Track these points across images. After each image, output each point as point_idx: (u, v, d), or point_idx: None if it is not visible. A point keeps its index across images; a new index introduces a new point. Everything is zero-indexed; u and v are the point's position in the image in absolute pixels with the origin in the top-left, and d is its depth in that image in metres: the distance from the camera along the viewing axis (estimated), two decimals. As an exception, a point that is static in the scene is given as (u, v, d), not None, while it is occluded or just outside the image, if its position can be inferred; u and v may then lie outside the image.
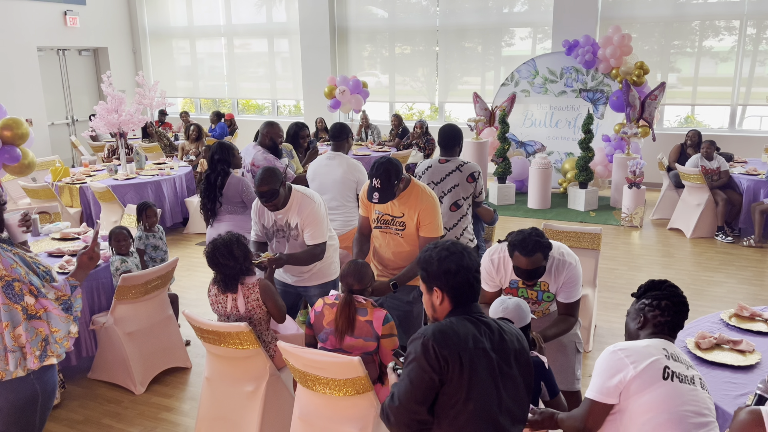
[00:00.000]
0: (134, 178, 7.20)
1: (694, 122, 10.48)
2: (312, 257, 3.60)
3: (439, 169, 4.24)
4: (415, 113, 12.53)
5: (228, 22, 12.92)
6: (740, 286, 5.84)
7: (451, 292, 2.11)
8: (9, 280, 2.33)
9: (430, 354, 1.97)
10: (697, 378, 2.16)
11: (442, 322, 2.06)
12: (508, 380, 2.05)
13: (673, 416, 2.04)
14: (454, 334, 2.00)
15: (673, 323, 2.31)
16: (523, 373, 2.10)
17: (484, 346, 2.01)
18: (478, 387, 1.99)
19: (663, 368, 2.10)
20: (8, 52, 10.75)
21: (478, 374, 1.99)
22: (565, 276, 3.12)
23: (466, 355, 1.97)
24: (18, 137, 4.48)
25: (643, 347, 2.16)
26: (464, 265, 2.11)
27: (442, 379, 1.98)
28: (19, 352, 2.36)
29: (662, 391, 2.07)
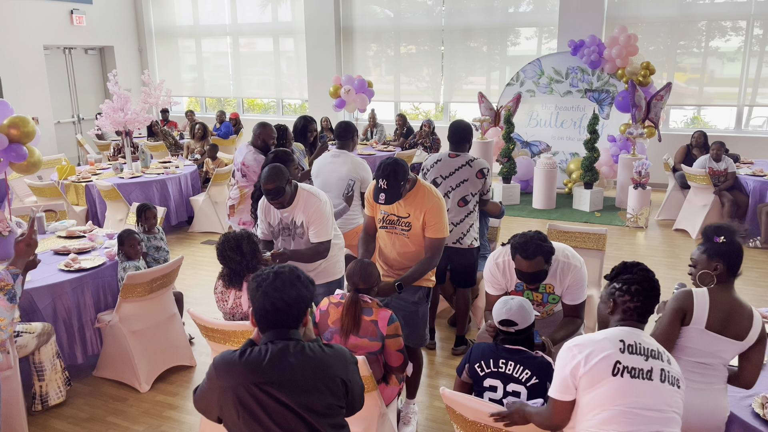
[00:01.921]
0: (140, 177, 7.22)
1: (700, 123, 10.45)
2: (316, 254, 3.60)
3: (448, 164, 4.25)
4: (421, 113, 12.51)
5: (233, 21, 12.94)
6: (746, 287, 5.82)
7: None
8: None
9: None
10: (657, 370, 2.07)
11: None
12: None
13: (618, 413, 2.02)
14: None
15: (642, 309, 2.21)
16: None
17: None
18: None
19: (614, 364, 2.05)
20: (15, 51, 10.79)
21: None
22: (571, 278, 3.12)
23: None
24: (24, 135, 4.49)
25: (598, 341, 2.11)
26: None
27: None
28: None
29: (609, 387, 2.04)
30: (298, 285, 2.00)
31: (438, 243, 3.51)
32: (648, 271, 2.28)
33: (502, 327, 2.67)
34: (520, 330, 2.65)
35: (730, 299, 2.53)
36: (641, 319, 2.22)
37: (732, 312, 2.50)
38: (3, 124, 4.44)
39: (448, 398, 2.46)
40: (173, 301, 4.38)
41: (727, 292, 2.56)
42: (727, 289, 2.57)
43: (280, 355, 1.92)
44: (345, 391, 2.00)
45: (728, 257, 2.60)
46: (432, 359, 4.54)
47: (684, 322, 2.52)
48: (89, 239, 4.75)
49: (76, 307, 4.06)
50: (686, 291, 2.55)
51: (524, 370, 2.57)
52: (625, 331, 2.16)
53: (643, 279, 2.24)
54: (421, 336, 3.60)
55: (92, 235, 4.81)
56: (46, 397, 3.81)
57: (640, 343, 2.11)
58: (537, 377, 2.55)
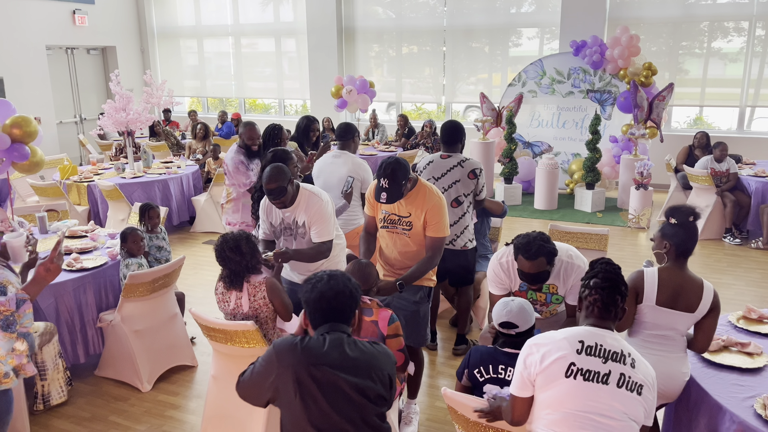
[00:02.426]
0: (141, 177, 7.23)
1: (702, 124, 10.43)
2: (318, 254, 3.60)
3: (440, 165, 4.25)
4: (423, 113, 12.52)
5: (235, 21, 12.95)
6: (748, 288, 5.81)
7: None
8: None
9: None
10: (616, 374, 2.03)
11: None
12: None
13: (567, 416, 2.02)
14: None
15: (603, 303, 2.15)
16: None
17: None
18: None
19: (568, 365, 2.04)
20: (17, 51, 10.81)
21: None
22: (574, 278, 3.11)
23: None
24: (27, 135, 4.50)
25: (558, 340, 2.10)
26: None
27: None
28: None
29: (561, 389, 2.04)
30: (350, 286, 2.23)
31: (439, 242, 3.51)
32: (610, 264, 2.25)
33: (503, 329, 2.66)
34: (521, 332, 2.63)
35: (680, 276, 2.74)
36: (603, 314, 2.17)
37: (682, 287, 2.71)
38: (5, 124, 4.46)
39: (450, 398, 2.46)
40: (175, 301, 4.39)
41: (678, 269, 2.76)
42: (678, 267, 2.77)
43: (337, 343, 2.10)
44: (389, 386, 2.15)
45: (676, 238, 2.77)
46: (433, 359, 4.54)
47: (638, 301, 2.76)
48: (91, 239, 4.76)
49: (78, 307, 4.07)
50: (637, 272, 2.80)
51: None
52: (588, 331, 2.13)
53: (602, 272, 2.21)
54: (422, 336, 3.60)
55: (94, 234, 4.81)
56: (48, 397, 3.82)
57: (601, 344, 2.08)
58: None
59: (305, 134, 5.59)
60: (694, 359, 2.85)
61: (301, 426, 2.06)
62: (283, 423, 2.16)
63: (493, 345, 2.72)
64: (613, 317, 2.18)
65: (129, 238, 4.19)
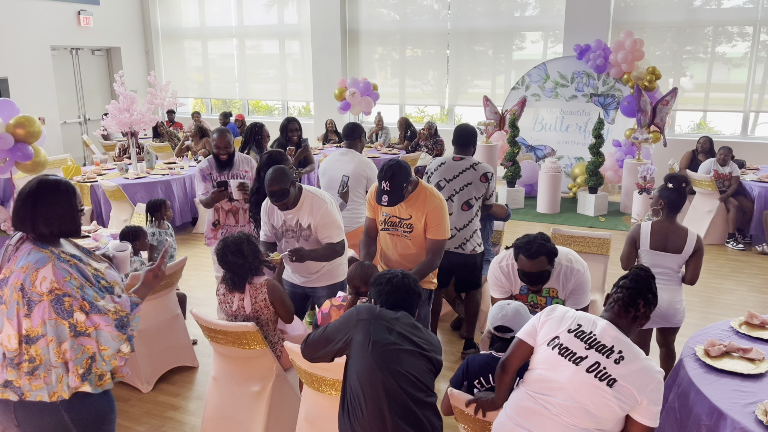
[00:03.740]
0: (144, 178, 7.24)
1: (706, 128, 10.41)
2: (333, 253, 3.61)
3: (452, 167, 4.25)
4: (426, 116, 12.52)
5: (240, 23, 12.98)
6: (751, 294, 5.79)
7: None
8: (59, 294, 2.16)
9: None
10: (592, 361, 2.15)
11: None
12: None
13: (540, 376, 2.24)
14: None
15: (624, 302, 2.25)
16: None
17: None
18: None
19: (552, 337, 2.24)
20: (22, 51, 10.85)
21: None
22: (574, 283, 3.11)
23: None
24: (30, 135, 4.52)
25: (566, 315, 2.29)
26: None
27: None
28: (62, 368, 2.19)
29: (540, 353, 2.27)
30: (417, 287, 2.64)
31: (439, 245, 3.50)
32: (644, 270, 2.32)
33: (498, 333, 2.65)
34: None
35: (669, 227, 3.54)
36: (621, 313, 2.26)
37: (670, 235, 3.53)
38: (9, 124, 4.47)
39: (456, 398, 2.47)
40: (176, 302, 4.39)
41: (669, 222, 3.56)
42: (669, 220, 3.57)
43: (407, 317, 2.52)
44: (435, 369, 2.48)
45: (670, 197, 3.56)
46: (434, 362, 4.52)
47: (636, 246, 3.60)
48: (93, 239, 4.76)
49: (80, 307, 4.07)
50: (635, 225, 3.63)
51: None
52: (594, 319, 2.26)
53: (634, 275, 2.29)
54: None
55: (97, 235, 4.82)
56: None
57: (593, 333, 2.21)
58: None
59: (285, 135, 5.66)
60: (695, 364, 2.84)
61: (372, 369, 2.36)
62: (351, 372, 2.43)
63: (489, 349, 2.70)
64: (631, 319, 2.26)
65: (141, 235, 4.31)
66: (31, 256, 2.19)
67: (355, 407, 2.40)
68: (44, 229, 2.24)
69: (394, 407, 2.34)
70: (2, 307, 2.19)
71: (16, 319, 2.16)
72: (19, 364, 2.16)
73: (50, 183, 2.29)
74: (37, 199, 2.25)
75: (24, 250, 2.22)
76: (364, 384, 2.37)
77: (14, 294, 2.16)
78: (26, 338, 2.15)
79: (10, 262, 2.23)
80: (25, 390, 2.18)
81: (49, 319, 2.14)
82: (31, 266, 2.16)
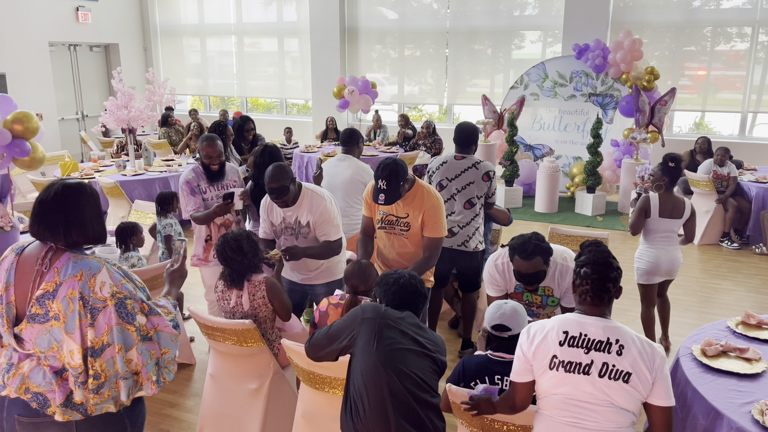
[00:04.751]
0: (142, 174, 7.23)
1: (704, 129, 10.43)
2: (330, 251, 3.61)
3: (454, 165, 4.24)
4: (425, 114, 12.52)
5: (238, 20, 12.96)
6: (747, 294, 5.80)
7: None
8: (121, 297, 2.06)
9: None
10: (599, 363, 2.09)
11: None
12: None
13: (555, 401, 2.16)
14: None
15: (594, 292, 2.17)
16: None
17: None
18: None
19: (551, 358, 2.14)
20: (20, 47, 10.82)
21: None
22: (569, 281, 3.11)
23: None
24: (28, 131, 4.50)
25: (546, 330, 2.19)
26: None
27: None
28: (131, 379, 2.10)
29: (547, 379, 2.17)
30: (423, 288, 2.64)
31: (436, 242, 3.50)
32: (599, 251, 2.24)
33: (495, 332, 2.64)
34: (514, 336, 2.61)
35: (670, 198, 4.24)
36: (596, 302, 2.17)
37: (673, 204, 4.22)
38: (7, 120, 4.46)
39: (455, 394, 2.47)
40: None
41: (669, 194, 4.25)
42: (669, 192, 4.26)
43: (412, 317, 2.54)
44: (439, 370, 2.51)
45: (671, 175, 4.24)
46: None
47: (647, 216, 4.24)
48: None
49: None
50: (645, 196, 4.26)
51: None
52: (575, 320, 2.18)
53: (592, 261, 2.19)
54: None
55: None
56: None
57: (585, 334, 2.14)
58: None
59: (240, 134, 5.62)
60: (692, 364, 2.85)
61: (376, 368, 2.37)
62: (354, 370, 2.44)
63: (486, 349, 2.70)
64: (606, 302, 2.19)
65: (138, 231, 4.28)
66: (81, 264, 2.05)
67: (357, 406, 2.40)
68: (78, 236, 2.10)
69: (397, 407, 2.34)
70: (53, 324, 2.03)
71: (79, 332, 2.02)
72: (84, 383, 2.04)
73: (77, 187, 2.14)
74: (67, 204, 2.09)
75: (64, 260, 2.06)
76: (368, 383, 2.38)
77: (71, 305, 2.01)
78: (91, 350, 2.03)
79: (48, 276, 2.05)
80: (89, 405, 2.07)
81: (116, 325, 2.04)
82: (86, 273, 2.04)
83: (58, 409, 2.06)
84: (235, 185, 4.24)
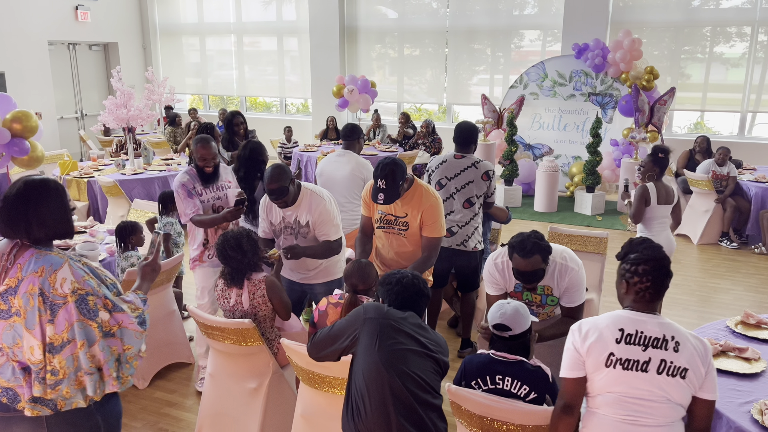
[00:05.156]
0: (142, 173, 7.22)
1: (703, 128, 10.43)
2: (329, 251, 3.61)
3: (454, 165, 4.24)
4: (424, 114, 12.52)
5: (238, 19, 12.95)
6: (747, 293, 5.81)
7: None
8: (82, 293, 2.07)
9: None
10: (656, 361, 2.11)
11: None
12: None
13: (611, 399, 2.16)
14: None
15: (654, 289, 2.19)
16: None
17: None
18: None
19: (607, 356, 2.14)
20: (19, 46, 10.81)
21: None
22: (568, 281, 3.11)
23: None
24: (27, 130, 4.51)
25: (600, 328, 2.19)
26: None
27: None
28: (97, 374, 2.10)
29: (603, 376, 2.16)
30: (426, 289, 2.64)
31: (435, 242, 3.50)
32: (654, 248, 2.26)
33: (496, 331, 2.64)
34: (515, 335, 2.61)
35: (664, 185, 4.51)
36: (654, 298, 2.21)
37: (666, 191, 4.48)
38: (6, 119, 4.46)
39: (455, 394, 2.47)
40: (173, 298, 4.38)
41: (661, 182, 4.54)
42: (661, 181, 4.55)
43: (414, 317, 2.53)
44: (441, 371, 2.50)
45: (662, 165, 4.57)
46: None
47: (647, 204, 4.45)
48: (90, 235, 4.75)
49: (76, 303, 4.05)
50: (644, 186, 4.48)
51: (522, 385, 2.52)
52: (630, 317, 2.18)
53: (650, 258, 2.21)
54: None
55: (93, 230, 4.81)
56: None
57: (642, 332, 2.15)
58: (535, 392, 2.50)
59: (230, 129, 5.63)
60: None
61: (378, 369, 2.37)
62: (356, 370, 2.44)
63: (489, 348, 2.70)
64: (660, 299, 2.22)
65: (137, 230, 4.26)
66: (42, 260, 2.07)
67: (359, 406, 2.40)
68: (39, 232, 2.11)
69: (399, 407, 2.34)
70: (15, 319, 2.05)
71: (39, 328, 2.03)
72: (44, 378, 2.05)
73: (38, 183, 2.14)
74: (29, 201, 2.10)
75: (27, 256, 2.08)
76: (369, 383, 2.38)
77: (32, 301, 2.03)
78: (50, 347, 2.03)
79: (12, 272, 2.08)
80: (58, 401, 2.08)
81: (77, 321, 2.05)
82: (47, 269, 2.05)
83: (27, 404, 2.08)
84: (230, 185, 4.14)
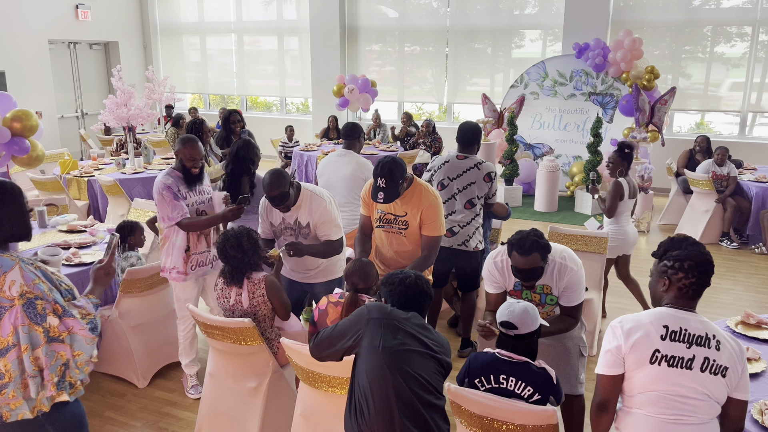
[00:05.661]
0: (142, 173, 7.22)
1: (704, 128, 10.42)
2: (331, 250, 3.61)
3: (456, 165, 4.24)
4: (424, 113, 12.51)
5: (238, 18, 12.95)
6: (747, 293, 5.81)
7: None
8: (31, 297, 2.05)
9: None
10: (700, 358, 2.12)
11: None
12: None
13: (655, 397, 2.15)
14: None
15: (698, 285, 2.21)
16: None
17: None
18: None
19: (652, 352, 2.14)
20: (19, 45, 10.80)
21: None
22: (567, 280, 3.10)
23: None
24: (27, 129, 4.51)
25: (644, 325, 2.18)
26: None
27: None
28: (40, 377, 2.08)
29: (647, 373, 2.16)
30: (428, 289, 2.63)
31: (434, 241, 3.50)
32: (698, 244, 2.27)
33: (503, 329, 2.64)
34: (521, 335, 2.61)
35: (630, 180, 4.76)
36: (696, 295, 2.22)
37: (633, 186, 4.75)
38: (6, 118, 4.46)
39: (455, 394, 2.47)
40: (172, 298, 4.37)
41: (629, 177, 4.78)
42: (628, 176, 4.79)
43: (417, 317, 2.52)
44: (444, 372, 2.49)
45: (629, 160, 4.78)
46: (431, 360, 4.52)
47: (620, 198, 4.69)
48: (90, 234, 4.75)
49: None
50: (617, 182, 4.70)
51: (526, 386, 2.51)
52: (673, 314, 2.19)
53: (696, 253, 2.22)
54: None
55: (93, 229, 4.81)
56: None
57: (686, 329, 2.16)
58: (539, 393, 2.49)
59: (227, 126, 5.67)
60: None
61: (381, 369, 2.37)
62: (359, 371, 2.44)
63: (496, 347, 2.69)
64: (700, 297, 2.24)
65: (137, 230, 4.25)
66: None
67: (362, 407, 2.40)
68: None
69: (402, 408, 2.34)
70: None
71: None
72: None
73: None
74: None
75: None
76: (373, 384, 2.37)
77: None
78: None
79: None
80: (4, 411, 2.06)
81: (21, 326, 2.03)
82: None
83: None
84: (212, 188, 4.06)
